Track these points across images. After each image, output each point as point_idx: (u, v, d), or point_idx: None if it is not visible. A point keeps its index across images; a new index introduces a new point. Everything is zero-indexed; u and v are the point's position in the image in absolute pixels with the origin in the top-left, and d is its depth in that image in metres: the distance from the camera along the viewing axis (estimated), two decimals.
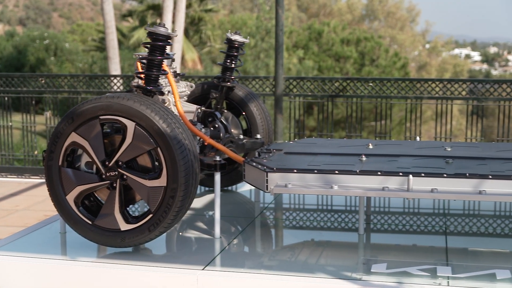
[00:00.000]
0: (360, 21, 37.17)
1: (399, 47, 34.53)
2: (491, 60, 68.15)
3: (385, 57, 24.38)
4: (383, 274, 3.55)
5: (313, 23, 26.59)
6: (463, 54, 62.20)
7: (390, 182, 3.89)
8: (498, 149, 4.67)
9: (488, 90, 8.34)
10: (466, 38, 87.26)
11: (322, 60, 23.93)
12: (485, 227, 4.60)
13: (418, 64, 36.94)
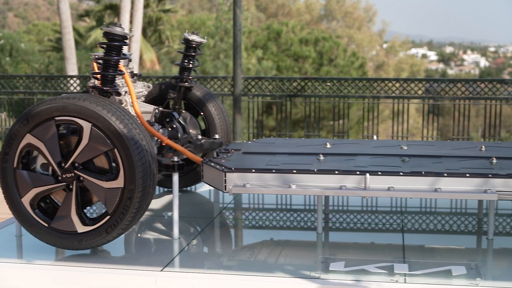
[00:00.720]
0: (318, 21, 37.37)
1: (357, 47, 34.82)
2: (447, 59, 69.15)
3: (343, 57, 24.56)
4: (341, 272, 3.58)
5: (271, 23, 26.65)
6: (419, 53, 63.03)
7: (348, 181, 3.92)
8: (453, 147, 4.74)
9: (444, 89, 8.46)
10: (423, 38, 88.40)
11: (281, 60, 24.00)
12: (442, 224, 4.66)
13: (376, 63, 37.30)
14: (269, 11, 36.55)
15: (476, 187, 3.83)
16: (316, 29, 28.06)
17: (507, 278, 3.58)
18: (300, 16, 34.77)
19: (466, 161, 4.24)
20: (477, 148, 4.70)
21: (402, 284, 3.43)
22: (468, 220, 4.76)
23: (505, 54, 73.60)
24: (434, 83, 8.52)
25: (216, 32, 22.22)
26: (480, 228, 4.53)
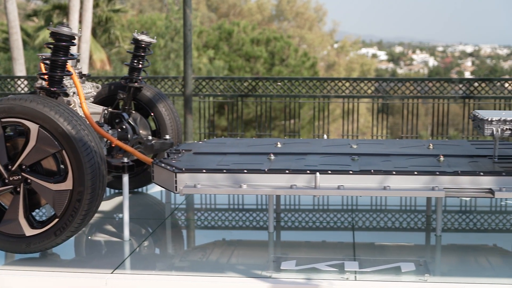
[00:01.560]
0: (269, 21, 37.47)
1: (308, 47, 35.02)
2: (397, 59, 70.07)
3: (294, 56, 24.68)
4: (293, 271, 3.60)
5: (223, 23, 26.63)
6: (370, 53, 63.71)
7: (298, 180, 3.94)
8: (402, 146, 4.80)
9: (392, 89, 8.57)
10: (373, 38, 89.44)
11: (232, 60, 24.00)
12: (392, 222, 4.72)
13: (327, 63, 37.59)
14: (221, 11, 36.51)
15: (424, 185, 3.89)
16: (268, 29, 28.13)
17: (455, 274, 3.65)
18: (251, 16, 34.82)
19: (414, 159, 4.30)
20: (425, 146, 4.78)
21: (352, 282, 3.47)
22: (417, 217, 4.84)
23: (453, 53, 74.94)
24: (383, 83, 8.62)
25: (167, 32, 22.11)
26: (429, 225, 4.61)
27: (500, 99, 8.43)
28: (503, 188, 3.83)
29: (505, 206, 5.18)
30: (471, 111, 5.13)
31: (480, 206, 5.17)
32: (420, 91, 8.50)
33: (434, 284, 3.45)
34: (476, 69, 61.97)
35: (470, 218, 4.85)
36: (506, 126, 4.21)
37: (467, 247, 4.18)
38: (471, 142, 5.00)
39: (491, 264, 3.82)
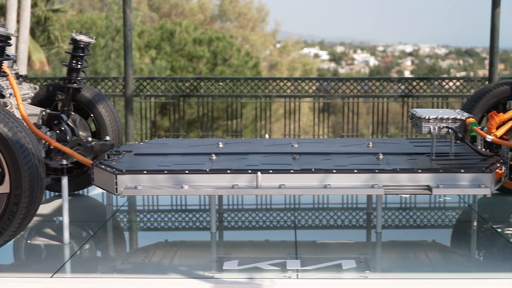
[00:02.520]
0: (212, 21, 37.40)
1: (251, 47, 35.09)
2: (338, 59, 70.81)
3: (237, 56, 24.69)
4: (235, 271, 3.60)
5: (165, 23, 26.46)
6: (312, 53, 64.20)
7: (240, 179, 3.94)
8: (342, 144, 4.86)
9: (333, 88, 8.66)
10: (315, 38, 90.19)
11: (175, 60, 23.87)
12: (334, 220, 4.77)
13: (270, 63, 37.73)
14: (162, 11, 36.27)
15: (363, 183, 3.94)
16: (210, 29, 28.07)
17: (395, 270, 3.71)
18: (193, 16, 34.68)
19: (354, 158, 4.35)
20: (365, 144, 4.84)
21: (295, 280, 3.49)
22: (359, 215, 4.89)
23: (392, 53, 76.15)
24: (323, 82, 8.70)
25: (107, 32, 21.85)
26: (369, 222, 4.67)
27: (438, 97, 8.61)
28: (440, 185, 3.91)
29: (443, 202, 5.29)
30: (410, 109, 5.24)
31: (419, 202, 5.26)
32: (361, 90, 8.61)
33: (375, 280, 3.50)
34: (415, 68, 63.11)
35: (410, 214, 4.94)
36: (443, 124, 4.30)
37: (407, 243, 4.25)
38: (409, 140, 5.09)
39: (430, 260, 3.89)
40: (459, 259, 4.00)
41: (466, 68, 62.52)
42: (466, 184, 3.95)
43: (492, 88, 5.09)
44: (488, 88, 5.11)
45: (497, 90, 5.07)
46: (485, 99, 5.05)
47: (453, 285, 3.52)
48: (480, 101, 5.05)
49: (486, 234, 4.45)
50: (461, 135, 4.29)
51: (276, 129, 19.29)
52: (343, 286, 3.46)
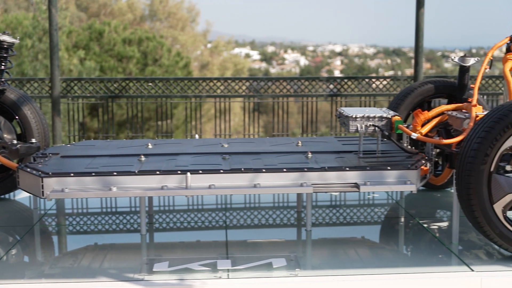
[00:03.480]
0: (142, 21, 37.04)
1: (182, 47, 34.91)
2: (269, 58, 71.11)
3: (167, 56, 24.52)
4: (165, 273, 3.58)
5: (93, 22, 26.05)
6: (243, 53, 64.33)
7: (169, 180, 3.92)
8: (272, 144, 4.88)
9: (263, 87, 8.70)
10: (245, 37, 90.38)
11: (104, 60, 23.53)
12: (266, 219, 4.79)
13: (201, 63, 37.63)
14: (91, 11, 35.70)
15: (293, 181, 3.97)
16: (140, 29, 27.79)
17: (325, 267, 3.76)
18: (122, 16, 34.26)
19: (284, 157, 4.38)
20: (294, 143, 4.88)
21: (225, 280, 3.49)
22: (290, 213, 4.93)
23: (322, 53, 76.94)
24: (253, 82, 8.74)
25: (34, 32, 21.37)
26: (300, 220, 4.71)
27: (366, 96, 8.76)
28: (368, 182, 3.98)
29: (372, 199, 5.39)
30: (338, 108, 5.30)
31: (348, 200, 5.34)
32: (290, 89, 8.68)
33: (305, 278, 3.54)
34: (345, 67, 64.00)
35: (340, 212, 5.01)
36: (369, 122, 4.37)
37: (337, 240, 4.31)
38: (338, 138, 5.15)
39: (360, 256, 3.95)
40: (388, 254, 4.07)
41: (394, 67, 63.77)
42: (393, 181, 4.03)
43: (417, 87, 5.20)
44: (413, 87, 5.23)
45: (421, 88, 5.18)
46: (411, 98, 5.16)
47: (382, 280, 3.58)
48: (405, 100, 5.16)
49: (413, 229, 4.55)
50: (388, 133, 4.37)
51: (208, 129, 19.26)
52: (273, 284, 3.48)
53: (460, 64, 4.92)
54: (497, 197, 3.72)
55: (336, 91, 8.70)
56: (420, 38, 7.85)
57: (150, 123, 17.62)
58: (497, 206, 3.73)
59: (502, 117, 3.67)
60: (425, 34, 7.96)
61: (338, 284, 3.54)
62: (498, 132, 3.65)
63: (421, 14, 7.70)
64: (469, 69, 4.98)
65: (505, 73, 4.45)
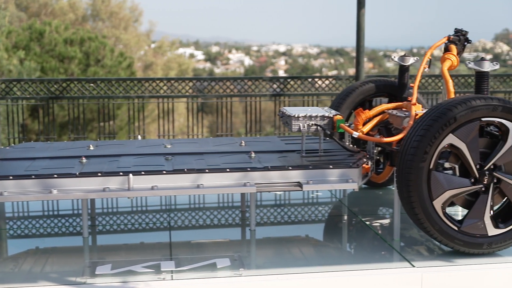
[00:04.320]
0: (84, 21, 36.51)
1: (125, 47, 34.55)
2: (214, 58, 71.00)
3: (110, 57, 24.23)
4: (108, 275, 3.54)
5: (33, 22, 25.57)
6: (187, 53, 64.04)
7: (111, 182, 3.87)
8: (215, 144, 4.87)
9: (206, 88, 8.68)
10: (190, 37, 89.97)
11: (45, 61, 23.11)
12: (211, 219, 4.78)
13: (145, 63, 37.32)
14: (31, 10, 35.02)
15: (236, 181, 3.97)
16: (82, 29, 27.39)
17: (269, 266, 3.77)
18: (64, 16, 33.70)
19: (227, 157, 4.38)
20: (237, 143, 4.88)
21: (169, 281, 3.48)
22: (235, 213, 4.93)
23: (267, 53, 77.22)
24: (196, 82, 8.70)
25: None
26: (244, 220, 4.72)
27: (310, 96, 8.83)
28: (310, 181, 4.01)
29: (315, 198, 5.43)
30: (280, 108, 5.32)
31: (293, 199, 5.38)
32: (234, 89, 8.69)
33: (248, 278, 3.55)
34: (289, 67, 64.40)
35: (285, 211, 5.04)
36: (311, 121, 4.40)
37: (281, 239, 4.34)
38: (281, 138, 5.18)
39: (304, 254, 3.99)
40: (331, 252, 4.12)
41: (338, 67, 64.45)
42: (335, 180, 4.06)
43: (358, 86, 5.27)
44: (354, 86, 5.29)
45: (363, 88, 5.25)
46: (352, 97, 5.22)
47: (326, 278, 3.62)
48: (347, 99, 5.21)
49: (356, 227, 4.61)
50: (330, 132, 4.41)
51: (152, 130, 19.13)
52: (217, 285, 3.48)
53: (400, 63, 5.00)
54: (437, 193, 3.79)
55: (279, 90, 8.74)
56: (361, 38, 7.94)
57: (93, 124, 17.40)
58: (437, 202, 3.80)
59: (440, 115, 3.74)
60: (367, 34, 8.06)
61: (282, 283, 3.56)
62: (437, 130, 3.72)
63: (362, 14, 7.79)
64: (409, 69, 5.06)
65: (444, 72, 4.54)
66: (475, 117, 3.78)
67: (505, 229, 3.92)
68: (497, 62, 4.19)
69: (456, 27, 4.74)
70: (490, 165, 3.88)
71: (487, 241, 3.88)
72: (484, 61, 4.14)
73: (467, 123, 3.78)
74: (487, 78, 4.17)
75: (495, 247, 3.90)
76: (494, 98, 3.82)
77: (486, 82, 4.15)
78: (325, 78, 8.90)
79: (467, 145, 3.81)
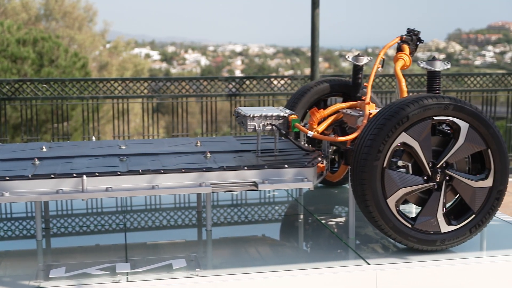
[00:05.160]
0: (37, 21, 35.99)
1: (79, 47, 34.17)
2: (170, 59, 70.68)
3: (64, 57, 23.94)
4: (62, 278, 3.49)
5: None
6: (143, 53, 63.59)
7: (65, 184, 3.82)
8: (170, 144, 4.85)
9: (162, 88, 8.63)
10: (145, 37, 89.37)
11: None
12: (167, 220, 4.76)
13: (100, 64, 36.97)
14: None
15: (191, 182, 3.96)
16: (35, 29, 27.00)
17: (225, 266, 3.77)
18: (16, 16, 33.18)
19: (182, 157, 4.36)
20: (193, 144, 4.86)
21: (124, 283, 3.45)
22: (191, 214, 4.92)
23: (223, 53, 77.17)
24: (151, 82, 8.65)
25: None
26: (200, 220, 4.71)
27: (265, 95, 8.85)
28: (266, 181, 4.02)
29: (272, 197, 5.45)
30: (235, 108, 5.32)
31: (249, 199, 5.38)
32: (189, 89, 8.66)
33: (205, 278, 3.54)
34: (245, 67, 64.51)
35: (241, 211, 5.04)
36: (267, 121, 4.41)
37: (238, 239, 4.34)
38: (236, 138, 5.18)
39: (260, 254, 3.99)
40: (288, 251, 4.13)
41: (294, 66, 64.80)
42: (290, 179, 4.08)
43: (313, 86, 5.30)
44: (309, 86, 5.31)
45: (317, 87, 5.28)
46: (307, 96, 5.25)
47: (282, 277, 3.63)
48: (302, 99, 5.24)
49: (312, 226, 4.63)
50: (285, 132, 4.42)
51: (108, 131, 18.95)
52: (173, 286, 3.47)
53: (354, 63, 5.05)
54: (390, 192, 3.84)
55: (235, 90, 8.74)
56: (316, 38, 7.99)
57: (47, 125, 17.15)
58: (391, 200, 3.85)
59: (393, 114, 3.79)
60: (324, 34, 8.17)
61: (239, 283, 3.56)
62: (390, 129, 3.77)
63: (316, 14, 7.84)
64: (363, 68, 5.11)
65: (396, 71, 4.60)
66: (427, 116, 3.83)
67: (457, 226, 3.99)
68: (449, 61, 4.26)
69: (408, 27, 4.81)
70: (442, 163, 3.94)
71: (440, 238, 3.94)
72: (436, 60, 4.20)
73: (419, 121, 3.83)
74: (439, 77, 4.23)
75: (448, 243, 3.97)
76: (445, 97, 3.89)
77: (438, 81, 4.22)
78: (280, 78, 8.94)
79: (419, 143, 3.86)
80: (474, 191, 3.99)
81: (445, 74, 9.42)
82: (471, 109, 3.89)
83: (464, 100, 3.94)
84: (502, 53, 73.57)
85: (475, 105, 3.96)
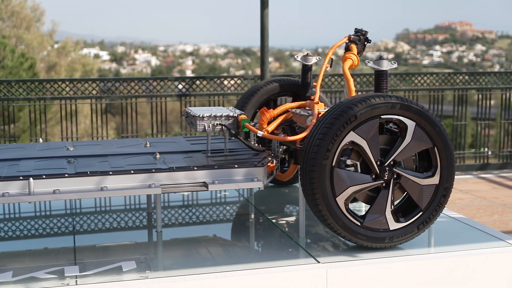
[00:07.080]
0: None
1: (27, 47, 33.63)
2: (120, 59, 70.08)
3: (11, 58, 23.53)
4: (9, 283, 3.43)
5: None
6: (92, 53, 62.85)
7: (11, 187, 3.75)
8: (119, 145, 4.80)
9: (110, 89, 8.56)
10: (94, 38, 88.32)
11: None
12: (118, 222, 4.72)
13: (48, 64, 36.43)
14: None
15: (141, 183, 3.93)
16: None
17: (176, 267, 3.75)
18: None
19: (132, 158, 4.32)
20: (142, 144, 4.83)
21: (73, 287, 3.40)
22: (142, 215, 4.88)
23: (174, 53, 76.84)
24: (100, 83, 8.56)
25: None
26: (150, 222, 4.68)
27: (215, 95, 8.84)
28: (216, 181, 4.01)
29: (223, 197, 5.45)
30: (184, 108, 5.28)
31: (200, 199, 5.37)
32: (139, 90, 8.60)
33: (155, 279, 3.51)
34: (196, 67, 64.37)
35: (192, 211, 5.02)
36: (216, 121, 4.41)
37: (188, 240, 4.32)
38: (186, 138, 5.16)
39: (211, 254, 3.98)
40: (239, 251, 4.13)
41: (245, 66, 64.95)
42: (240, 179, 4.08)
43: (263, 86, 5.31)
44: (259, 86, 5.33)
45: (267, 87, 5.30)
46: (257, 96, 5.26)
47: (234, 276, 3.63)
48: (252, 98, 5.25)
49: (263, 225, 4.64)
50: (234, 132, 4.43)
51: (57, 132, 18.67)
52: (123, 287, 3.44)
53: (303, 63, 5.08)
54: (340, 190, 3.87)
55: (185, 91, 8.71)
56: (266, 38, 8.01)
57: None
58: (340, 199, 3.88)
59: (341, 114, 3.82)
60: (275, 34, 8.31)
61: (190, 284, 3.55)
62: (338, 128, 3.80)
63: (265, 14, 7.87)
64: (311, 68, 5.14)
65: (345, 71, 4.64)
66: (375, 115, 3.88)
67: (405, 223, 4.05)
68: (396, 61, 4.31)
69: (356, 27, 4.86)
70: (390, 161, 3.99)
71: (389, 235, 4.00)
72: (383, 60, 4.25)
73: (367, 120, 3.87)
74: (386, 77, 4.28)
75: (396, 240, 4.02)
76: (392, 96, 3.94)
77: (385, 81, 4.27)
78: (231, 78, 8.94)
79: (367, 142, 3.90)
80: (421, 188, 4.05)
81: (394, 74, 9.55)
82: (418, 108, 3.95)
83: (410, 99, 3.99)
84: (449, 52, 75.02)
85: (422, 104, 4.03)
